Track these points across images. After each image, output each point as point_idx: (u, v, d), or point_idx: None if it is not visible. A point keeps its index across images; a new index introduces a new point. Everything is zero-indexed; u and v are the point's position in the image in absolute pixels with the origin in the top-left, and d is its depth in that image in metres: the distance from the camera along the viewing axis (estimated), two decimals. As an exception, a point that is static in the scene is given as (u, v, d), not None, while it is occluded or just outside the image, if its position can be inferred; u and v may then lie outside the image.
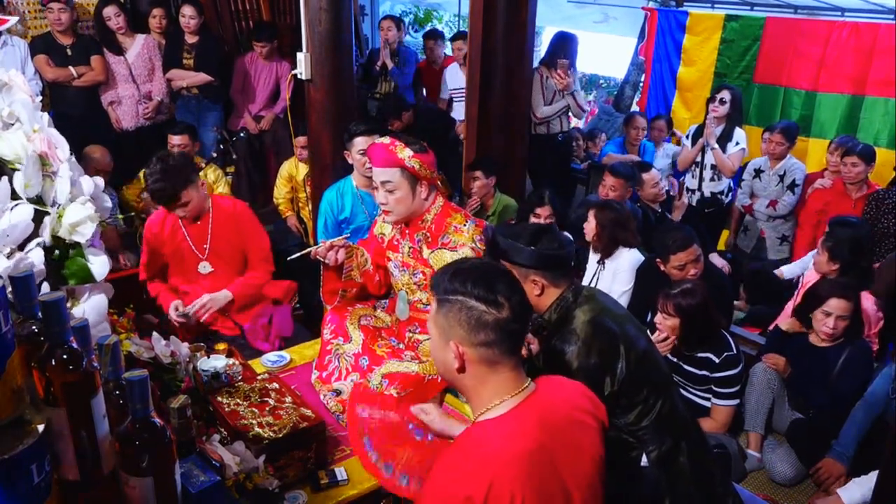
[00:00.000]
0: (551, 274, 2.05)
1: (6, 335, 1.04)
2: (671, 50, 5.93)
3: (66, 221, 1.28)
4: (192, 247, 3.04)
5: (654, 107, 6.09)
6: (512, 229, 2.17)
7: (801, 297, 3.28)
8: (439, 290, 1.39)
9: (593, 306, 2.03)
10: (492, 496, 1.24)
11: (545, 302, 2.07)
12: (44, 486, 1.08)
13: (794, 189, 4.39)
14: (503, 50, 4.10)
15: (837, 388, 2.98)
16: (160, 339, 1.97)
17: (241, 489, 1.66)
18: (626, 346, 1.98)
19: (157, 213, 3.10)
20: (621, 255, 3.57)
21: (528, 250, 2.02)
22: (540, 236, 2.06)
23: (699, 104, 5.76)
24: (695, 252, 3.18)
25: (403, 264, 2.47)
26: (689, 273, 3.17)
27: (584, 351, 1.95)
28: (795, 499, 3.00)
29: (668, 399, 2.07)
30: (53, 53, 4.70)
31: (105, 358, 1.20)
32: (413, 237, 2.43)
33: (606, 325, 2.00)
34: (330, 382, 2.38)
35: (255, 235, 3.14)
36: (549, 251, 2.03)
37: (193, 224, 3.02)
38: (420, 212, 2.40)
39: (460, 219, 2.39)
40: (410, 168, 2.31)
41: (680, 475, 2.07)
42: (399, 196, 2.35)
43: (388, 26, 5.64)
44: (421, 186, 2.36)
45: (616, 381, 1.96)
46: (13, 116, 1.33)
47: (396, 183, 2.33)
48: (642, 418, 2.02)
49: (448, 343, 1.37)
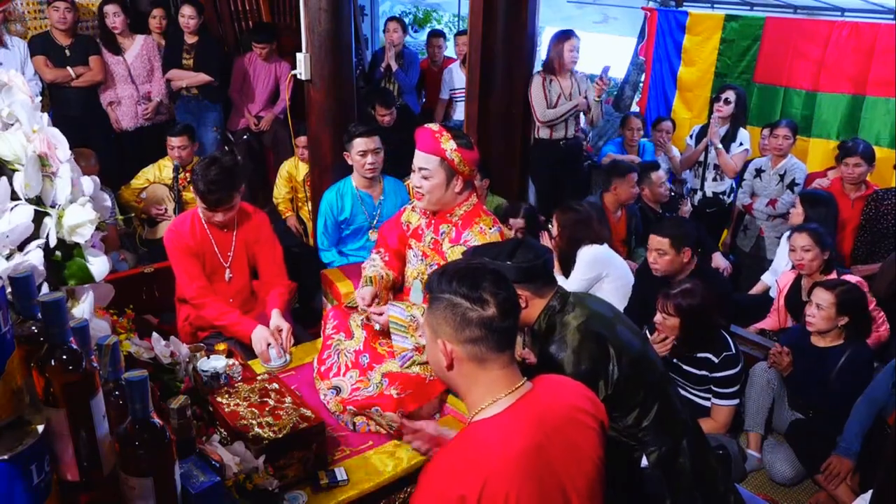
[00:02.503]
0: (533, 285, 2.05)
1: (6, 335, 1.04)
2: (671, 50, 5.93)
3: (66, 223, 1.28)
4: (218, 255, 2.93)
5: (653, 107, 6.08)
6: (488, 248, 2.18)
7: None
8: (431, 289, 1.44)
9: (581, 312, 2.03)
10: (485, 495, 1.24)
11: (532, 314, 2.08)
12: (43, 486, 1.08)
13: (794, 188, 4.39)
14: (503, 50, 4.10)
15: (837, 388, 2.97)
16: (160, 340, 1.96)
17: (240, 489, 1.65)
18: (617, 349, 1.98)
19: (177, 223, 2.95)
20: (582, 250, 3.52)
21: (506, 266, 2.02)
22: (515, 250, 2.07)
23: (699, 104, 5.76)
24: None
25: (423, 254, 2.48)
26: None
27: (573, 359, 1.95)
28: (795, 499, 3.00)
29: (665, 400, 2.07)
30: (52, 54, 4.70)
31: (105, 358, 1.20)
32: (438, 229, 2.44)
33: (595, 329, 2.00)
34: (328, 378, 2.38)
35: (273, 246, 3.03)
36: (525, 263, 2.04)
37: (221, 231, 2.92)
38: (451, 205, 2.41)
39: (488, 222, 2.41)
40: (450, 160, 2.32)
41: (681, 476, 2.07)
42: (434, 184, 2.35)
43: (394, 28, 5.64)
44: (457, 180, 2.36)
45: (610, 385, 1.96)
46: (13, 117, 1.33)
47: (432, 171, 2.34)
48: (641, 420, 2.02)
49: (437, 341, 1.40)
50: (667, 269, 3.27)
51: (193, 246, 2.87)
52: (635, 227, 4.33)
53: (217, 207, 2.78)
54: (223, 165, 2.74)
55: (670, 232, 3.27)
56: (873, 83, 4.85)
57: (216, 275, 2.97)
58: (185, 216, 2.98)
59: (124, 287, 2.77)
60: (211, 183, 2.71)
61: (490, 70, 4.12)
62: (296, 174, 4.66)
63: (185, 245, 2.85)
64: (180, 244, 2.85)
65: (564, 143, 4.56)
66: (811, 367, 3.06)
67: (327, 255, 3.64)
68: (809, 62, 5.14)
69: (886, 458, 1.92)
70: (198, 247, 2.89)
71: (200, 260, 2.90)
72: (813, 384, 3.04)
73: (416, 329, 2.24)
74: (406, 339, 2.27)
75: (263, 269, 3.03)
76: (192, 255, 2.87)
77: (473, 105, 4.23)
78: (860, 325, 3.06)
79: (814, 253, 3.35)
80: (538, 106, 4.39)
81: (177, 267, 2.88)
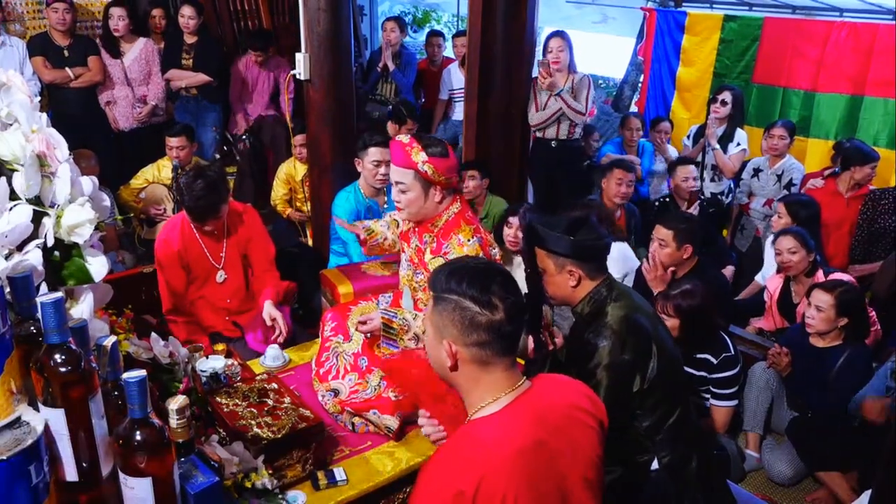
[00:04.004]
0: (588, 266, 2.04)
1: (5, 336, 1.04)
2: (670, 50, 5.93)
3: (65, 223, 1.28)
4: (208, 257, 2.95)
5: (652, 107, 6.09)
6: (549, 218, 2.15)
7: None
8: (436, 287, 1.40)
9: (627, 303, 2.03)
10: (482, 491, 1.24)
11: (579, 294, 2.06)
12: (42, 486, 1.08)
13: (791, 188, 4.39)
14: (502, 50, 4.10)
15: (836, 389, 2.97)
16: (159, 340, 1.96)
17: (240, 489, 1.66)
18: (658, 346, 1.98)
19: (166, 230, 2.97)
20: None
21: (567, 239, 2.00)
22: (579, 226, 2.04)
23: (698, 104, 5.76)
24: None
25: (409, 259, 2.46)
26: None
27: (618, 346, 1.94)
28: (794, 498, 3.00)
29: (685, 405, 2.07)
30: (50, 54, 4.70)
31: (104, 359, 1.20)
32: (421, 237, 2.39)
33: (640, 322, 2.00)
34: (327, 380, 2.38)
35: (263, 241, 3.06)
36: (587, 241, 2.02)
37: (209, 234, 2.93)
38: (433, 214, 2.33)
39: (468, 233, 2.28)
40: (423, 172, 2.23)
41: (688, 482, 2.07)
42: (410, 197, 2.28)
43: (391, 27, 5.63)
44: (434, 190, 2.28)
45: (646, 380, 1.96)
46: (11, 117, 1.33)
47: (409, 184, 2.27)
48: (662, 423, 2.02)
49: (441, 341, 1.38)
50: (665, 262, 3.27)
51: (182, 252, 2.90)
52: (635, 227, 4.33)
53: (204, 221, 2.82)
54: (208, 179, 2.75)
55: (676, 225, 3.27)
56: (872, 83, 4.85)
57: (208, 278, 2.98)
58: (175, 220, 2.99)
59: (123, 287, 2.76)
60: (197, 198, 2.74)
61: (489, 70, 4.12)
62: (294, 174, 4.66)
63: (173, 253, 2.89)
64: (168, 253, 2.90)
65: (557, 143, 4.50)
66: (810, 368, 3.06)
67: (356, 256, 3.51)
68: (808, 62, 5.15)
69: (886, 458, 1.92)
70: (187, 251, 2.92)
71: (188, 266, 2.93)
72: (812, 384, 3.04)
73: (407, 333, 2.22)
74: (395, 343, 2.26)
75: (255, 265, 3.06)
76: (178, 266, 2.91)
77: (472, 105, 4.22)
78: (859, 325, 3.06)
79: (800, 255, 3.36)
80: (529, 109, 4.39)
81: (160, 280, 2.94)
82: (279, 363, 2.63)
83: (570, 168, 4.66)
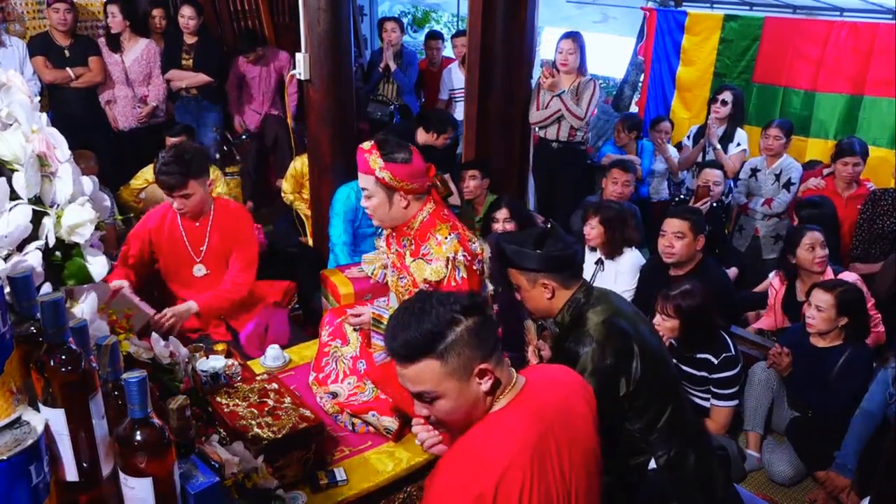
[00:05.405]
0: (560, 276, 2.05)
1: (5, 336, 1.04)
2: (670, 50, 5.93)
3: (65, 223, 1.28)
4: (188, 247, 2.98)
5: (653, 107, 6.08)
6: (515, 236, 2.17)
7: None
8: (426, 349, 1.34)
9: (606, 307, 2.03)
10: (501, 490, 1.25)
11: (557, 304, 2.07)
12: (42, 486, 1.08)
13: (790, 188, 4.39)
14: (503, 50, 4.10)
15: (836, 389, 2.97)
16: (159, 340, 1.96)
17: (240, 490, 1.65)
18: (640, 346, 1.98)
19: (157, 209, 3.06)
20: (623, 256, 3.56)
21: (535, 254, 2.01)
22: (544, 239, 2.06)
23: (698, 104, 5.76)
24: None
25: (393, 264, 2.43)
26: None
27: (598, 352, 1.94)
28: (795, 498, 3.00)
29: (677, 402, 2.07)
30: (51, 54, 4.71)
31: (104, 359, 1.20)
32: (399, 241, 2.34)
33: (620, 325, 2.00)
34: (326, 384, 2.38)
35: (246, 241, 3.04)
36: (555, 252, 2.03)
37: (192, 224, 2.97)
38: (403, 219, 2.27)
39: (444, 231, 2.22)
40: (380, 179, 2.17)
41: (686, 480, 2.07)
42: (374, 203, 2.23)
43: (391, 28, 5.62)
44: (398, 196, 2.21)
45: (632, 382, 1.96)
46: (12, 117, 1.33)
47: (371, 190, 2.22)
48: (654, 423, 2.02)
49: (473, 378, 1.35)
50: (682, 254, 3.25)
51: (155, 231, 2.96)
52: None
53: (171, 191, 2.84)
54: (178, 150, 2.81)
55: (690, 216, 3.26)
56: (872, 83, 4.85)
57: (186, 267, 3.00)
58: (165, 204, 3.03)
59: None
60: (164, 165, 2.78)
61: (489, 70, 4.11)
62: (305, 171, 4.63)
63: (145, 230, 2.97)
64: (140, 228, 2.99)
65: (558, 144, 4.48)
66: (810, 368, 3.06)
67: (342, 257, 3.57)
68: (808, 62, 5.15)
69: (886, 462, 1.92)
70: (162, 234, 2.96)
71: (159, 248, 2.97)
72: (812, 384, 3.04)
73: None
74: (384, 338, 2.24)
75: (231, 263, 3.03)
76: (142, 240, 2.96)
77: (473, 105, 4.22)
78: (860, 325, 3.06)
79: (825, 252, 3.35)
80: (531, 106, 4.40)
81: (125, 243, 3.00)
82: (279, 363, 2.63)
83: (571, 169, 4.66)
